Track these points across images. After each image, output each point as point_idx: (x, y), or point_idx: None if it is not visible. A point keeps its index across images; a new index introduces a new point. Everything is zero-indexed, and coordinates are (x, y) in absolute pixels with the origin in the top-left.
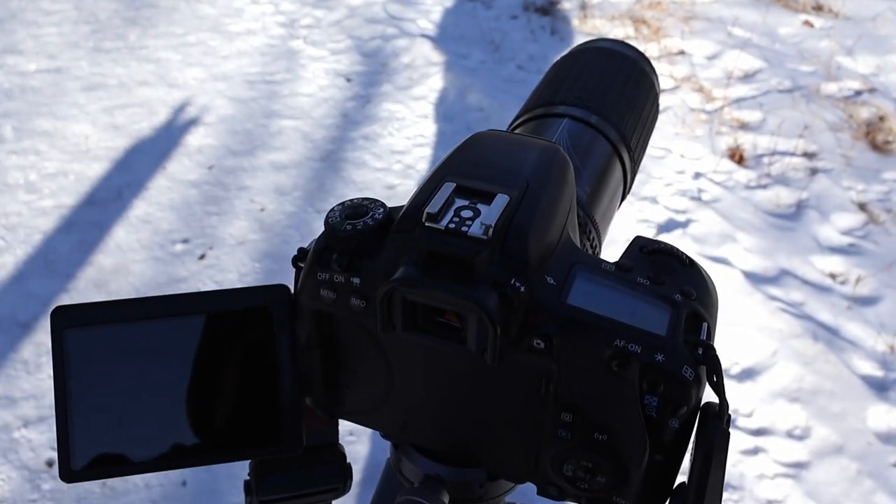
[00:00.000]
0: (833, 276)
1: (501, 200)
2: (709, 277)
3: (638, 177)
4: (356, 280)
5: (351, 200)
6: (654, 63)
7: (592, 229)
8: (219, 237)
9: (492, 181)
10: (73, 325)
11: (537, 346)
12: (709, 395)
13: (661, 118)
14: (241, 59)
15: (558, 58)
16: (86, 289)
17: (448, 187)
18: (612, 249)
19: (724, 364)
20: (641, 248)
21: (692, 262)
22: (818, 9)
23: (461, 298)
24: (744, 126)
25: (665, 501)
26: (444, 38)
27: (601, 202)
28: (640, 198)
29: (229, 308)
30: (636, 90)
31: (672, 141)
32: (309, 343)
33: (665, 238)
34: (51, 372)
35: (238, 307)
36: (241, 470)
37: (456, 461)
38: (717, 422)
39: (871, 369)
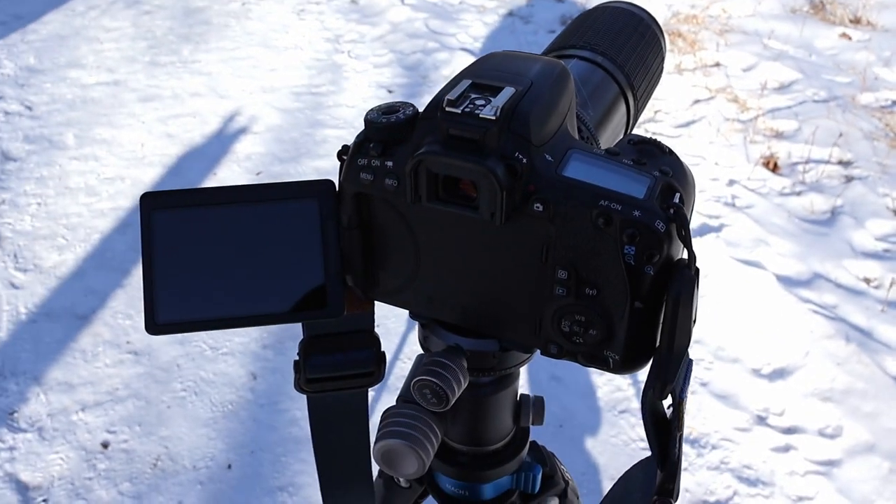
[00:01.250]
0: (867, 280)
1: (508, 91)
2: (687, 166)
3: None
4: (390, 163)
5: (386, 103)
6: (689, 74)
7: (595, 146)
8: None
9: (501, 80)
10: (158, 207)
11: (537, 210)
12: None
13: (695, 127)
14: (287, 72)
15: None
16: (138, 284)
17: (465, 83)
18: None
19: (756, 364)
20: (629, 141)
21: (671, 151)
22: (856, 21)
23: (475, 165)
24: (778, 135)
25: (648, 355)
26: (484, 51)
27: (606, 130)
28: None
29: (287, 196)
30: (641, 41)
31: (706, 149)
32: (350, 224)
33: (698, 242)
34: (107, 361)
35: (294, 195)
36: (281, 455)
37: (474, 334)
38: (685, 269)
39: None
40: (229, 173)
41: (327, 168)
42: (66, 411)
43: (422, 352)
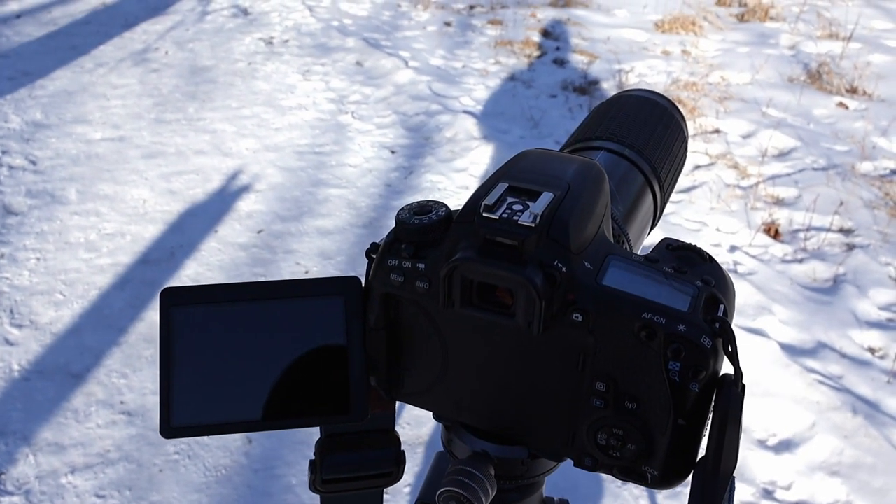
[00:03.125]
0: (872, 350)
1: (547, 197)
2: (727, 273)
3: None
4: (421, 265)
5: (418, 201)
6: (689, 141)
7: (626, 243)
8: None
9: (539, 183)
10: (178, 303)
11: (576, 320)
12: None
13: (696, 193)
14: (291, 131)
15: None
16: (136, 342)
17: (502, 186)
18: None
19: (762, 435)
20: (668, 246)
21: (712, 259)
22: (852, 91)
23: (513, 274)
24: (779, 202)
25: (689, 470)
26: (486, 114)
27: (634, 223)
28: None
29: (311, 293)
30: (666, 131)
31: (707, 215)
32: (377, 325)
33: None
34: (99, 421)
35: (318, 293)
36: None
37: (501, 439)
38: (733, 387)
39: None
40: (230, 231)
41: (328, 227)
42: (56, 474)
43: (442, 449)
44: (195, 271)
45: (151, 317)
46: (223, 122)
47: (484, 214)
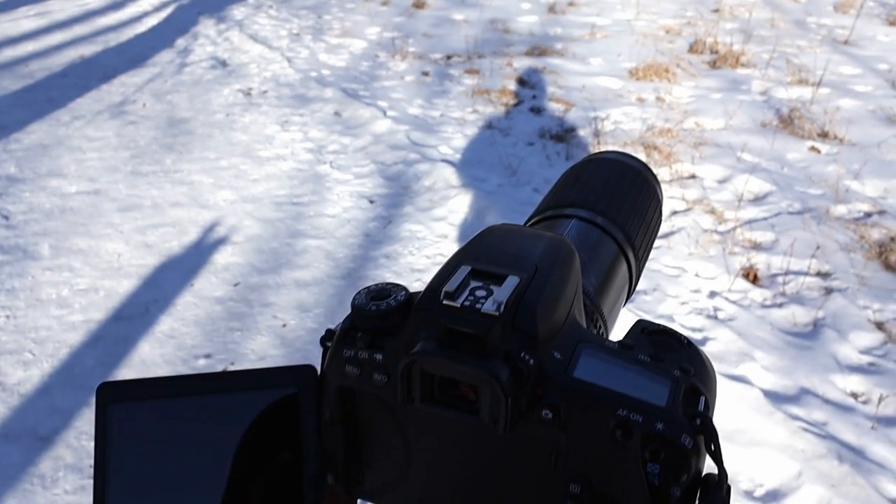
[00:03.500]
0: (855, 395)
1: (512, 281)
2: (707, 357)
3: (654, 295)
4: (379, 356)
5: (376, 284)
6: (665, 186)
7: (600, 319)
8: (241, 353)
9: (503, 265)
10: (115, 400)
11: (546, 417)
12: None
13: (674, 238)
14: (269, 182)
15: (569, 167)
16: None
17: (464, 270)
18: None
19: (748, 486)
20: (643, 330)
21: (690, 343)
22: (824, 135)
23: (476, 370)
24: (756, 246)
25: None
26: (464, 163)
27: (608, 296)
28: (656, 316)
29: (260, 386)
30: (639, 195)
31: (686, 261)
32: (333, 419)
33: None
34: (67, 487)
35: (268, 385)
36: None
37: None
38: (717, 490)
39: None
40: (206, 284)
41: (306, 279)
42: None
43: None
44: (170, 327)
45: (124, 375)
46: (200, 174)
47: (444, 302)
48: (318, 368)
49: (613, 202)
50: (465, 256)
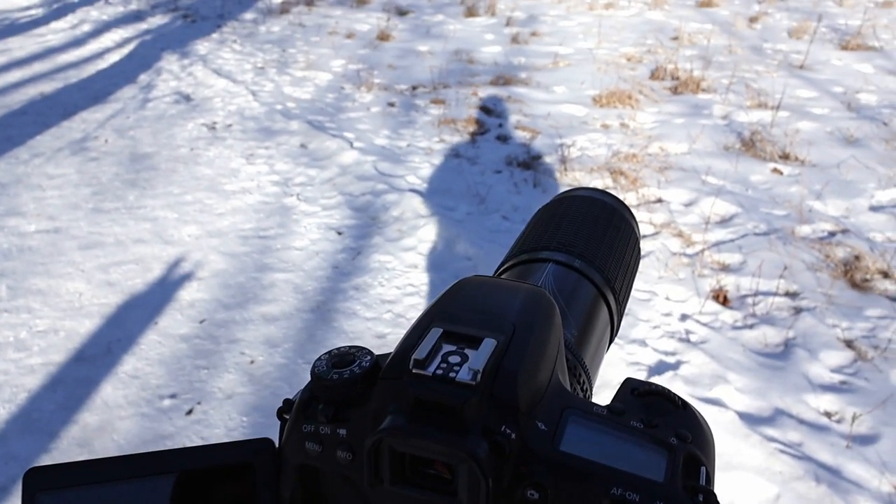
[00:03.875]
0: (828, 414)
1: (489, 345)
2: (703, 419)
3: (626, 320)
4: (342, 431)
5: (338, 349)
6: (633, 210)
7: (582, 372)
8: (207, 391)
9: (478, 326)
10: (45, 487)
11: (531, 497)
12: None
13: (643, 262)
14: (235, 216)
15: (541, 206)
16: (68, 448)
17: (435, 333)
18: (603, 394)
19: None
20: (633, 391)
21: (685, 404)
22: (785, 157)
23: (451, 448)
24: (725, 268)
25: None
26: (432, 192)
27: (589, 344)
28: (629, 340)
29: (210, 464)
30: (616, 235)
31: (656, 284)
32: (293, 500)
33: (657, 381)
34: None
35: (219, 463)
36: None
37: None
38: None
39: None
40: (171, 322)
41: (274, 314)
42: None
43: None
44: (133, 367)
45: (85, 419)
46: (164, 210)
47: (414, 371)
48: (277, 442)
49: (590, 243)
50: (436, 316)
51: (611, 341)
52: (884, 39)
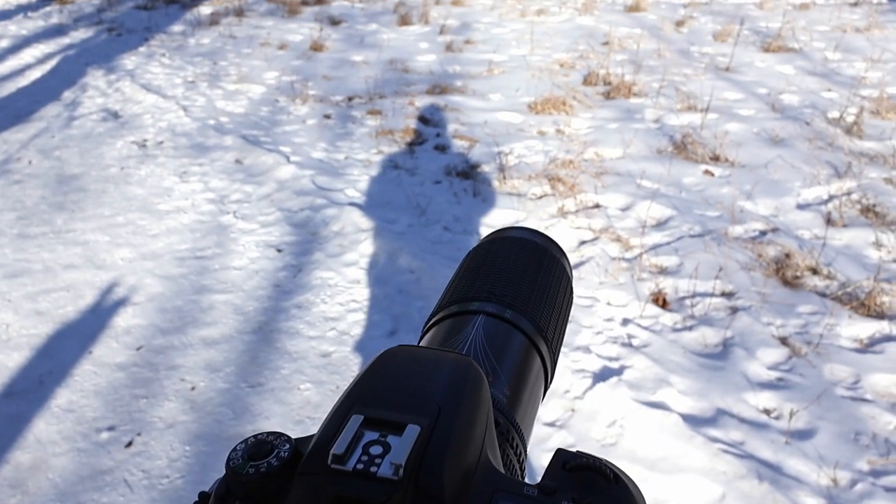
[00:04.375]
0: (767, 411)
1: (412, 432)
2: (638, 492)
3: (569, 327)
4: None
5: (256, 436)
6: (571, 217)
7: (515, 434)
8: (147, 421)
9: (401, 409)
10: None
11: None
12: None
13: (584, 268)
14: (170, 236)
15: (470, 249)
16: (0, 490)
17: (355, 421)
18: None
19: None
20: (564, 465)
21: (618, 478)
22: (715, 159)
23: None
24: (663, 271)
25: None
26: (372, 205)
27: (521, 401)
28: (573, 348)
29: None
30: (548, 277)
31: (597, 290)
32: None
33: (601, 388)
34: None
35: None
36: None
37: None
38: None
39: None
40: (107, 350)
41: (215, 337)
42: None
43: None
44: (67, 400)
45: (17, 458)
46: (95, 233)
47: (333, 466)
48: None
49: (521, 291)
50: (357, 400)
51: (546, 389)
52: (802, 41)
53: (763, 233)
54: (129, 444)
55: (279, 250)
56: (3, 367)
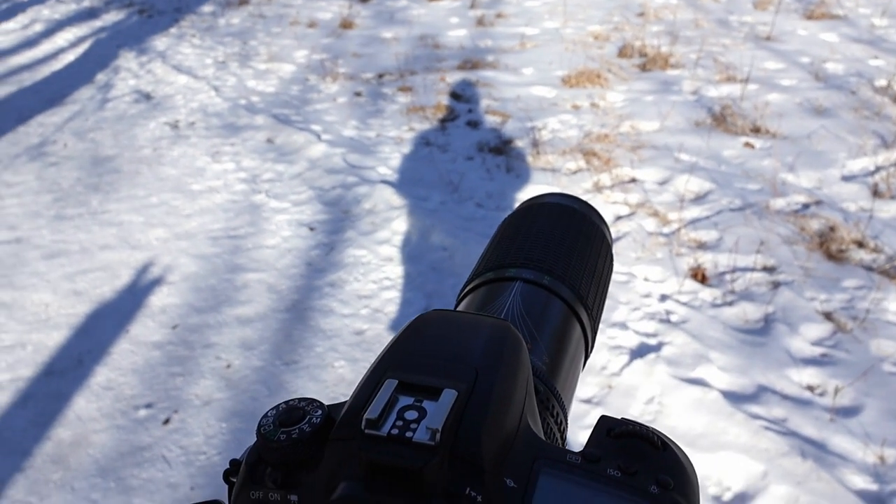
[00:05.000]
0: (811, 388)
1: (448, 396)
2: (686, 459)
3: (606, 303)
4: (293, 497)
5: (287, 402)
6: (607, 192)
7: (555, 402)
8: (184, 399)
9: (437, 374)
10: None
11: None
12: None
13: (621, 244)
14: (203, 216)
15: (506, 216)
16: (42, 465)
17: (390, 385)
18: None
19: (716, 490)
20: (609, 432)
21: (665, 444)
22: (756, 130)
23: None
24: (702, 245)
25: None
26: (404, 182)
27: (562, 369)
28: (609, 324)
29: None
30: (587, 244)
31: (634, 266)
32: None
33: (639, 364)
34: None
35: None
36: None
37: None
38: None
39: (864, 483)
40: (143, 329)
41: (249, 315)
42: None
43: None
44: (106, 378)
45: (58, 434)
46: (130, 213)
47: (367, 432)
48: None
49: (560, 257)
50: (391, 363)
51: (586, 358)
52: (847, 7)
53: (806, 205)
54: (167, 421)
55: (311, 229)
56: (43, 347)
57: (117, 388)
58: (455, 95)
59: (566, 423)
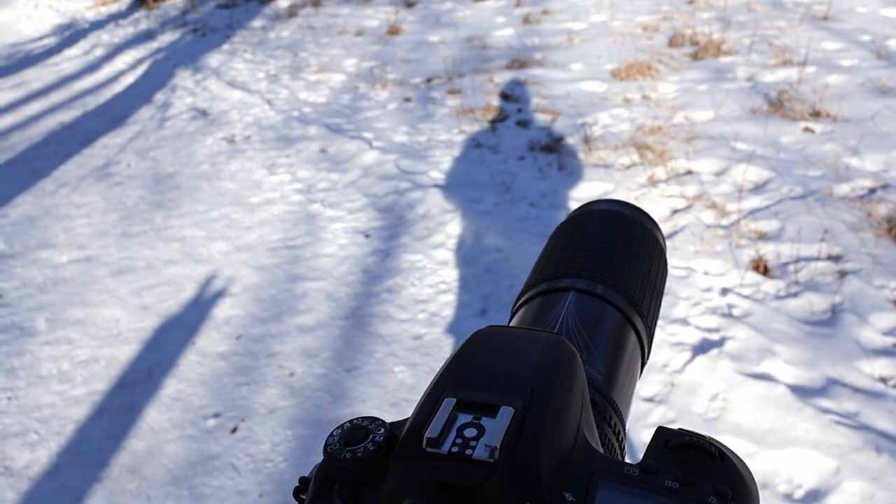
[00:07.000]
0: (884, 379)
1: (506, 414)
2: (745, 469)
3: (665, 299)
4: None
5: (351, 422)
6: (662, 185)
7: (612, 413)
8: (250, 408)
9: (494, 391)
10: None
11: None
12: None
13: (678, 238)
14: (262, 228)
15: (557, 226)
16: (119, 476)
17: (448, 404)
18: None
19: (786, 488)
20: (666, 443)
21: (723, 454)
22: (816, 114)
23: None
24: (763, 236)
25: None
26: (456, 185)
27: (618, 379)
28: (669, 321)
29: None
30: (640, 250)
31: (693, 260)
32: None
33: (701, 360)
34: None
35: None
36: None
37: None
38: None
39: None
40: (209, 341)
41: (310, 323)
42: None
43: None
44: (175, 389)
45: (133, 445)
46: (192, 228)
47: (428, 450)
48: None
49: (612, 265)
50: (449, 383)
51: (643, 366)
52: None
53: (872, 190)
54: (234, 429)
55: (367, 236)
56: (115, 361)
57: (186, 398)
58: (504, 95)
59: (624, 433)
